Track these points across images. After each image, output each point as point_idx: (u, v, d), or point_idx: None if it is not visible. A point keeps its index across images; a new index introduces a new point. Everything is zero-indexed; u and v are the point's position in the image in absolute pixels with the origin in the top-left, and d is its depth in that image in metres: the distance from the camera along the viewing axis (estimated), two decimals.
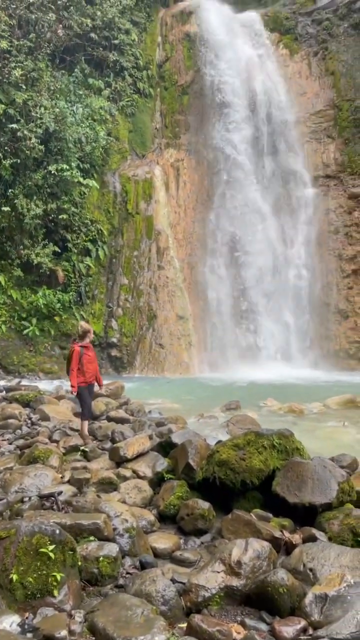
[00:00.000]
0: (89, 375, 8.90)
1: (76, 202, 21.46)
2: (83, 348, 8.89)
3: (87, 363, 8.83)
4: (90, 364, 8.93)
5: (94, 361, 9.08)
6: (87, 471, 6.91)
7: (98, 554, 4.72)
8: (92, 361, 9.00)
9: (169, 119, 26.27)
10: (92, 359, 9.04)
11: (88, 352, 8.94)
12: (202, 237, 24.55)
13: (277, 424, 10.45)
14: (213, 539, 5.81)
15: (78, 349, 8.81)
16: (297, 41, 26.40)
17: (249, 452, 6.44)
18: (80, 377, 8.77)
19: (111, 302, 22.91)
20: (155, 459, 7.46)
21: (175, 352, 22.24)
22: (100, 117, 22.81)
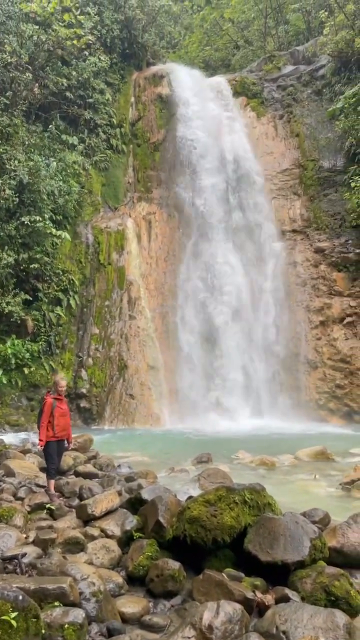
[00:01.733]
0: (59, 429, 8.55)
1: (48, 252, 21.59)
2: (56, 400, 8.62)
3: (58, 416, 8.53)
4: (61, 418, 8.60)
5: (66, 415, 8.75)
6: (53, 531, 6.65)
7: (63, 620, 4.50)
8: (64, 415, 8.68)
9: (141, 174, 27.06)
10: (65, 413, 8.73)
11: (61, 405, 8.67)
12: (173, 287, 24.85)
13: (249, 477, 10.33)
14: (184, 601, 5.61)
15: (50, 401, 8.55)
16: (264, 105, 27.89)
17: (221, 508, 6.32)
18: (50, 431, 8.45)
19: (81, 352, 22.73)
20: (124, 516, 7.25)
21: (146, 402, 22.00)
22: (73, 171, 23.35)
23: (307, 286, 24.35)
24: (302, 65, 28.72)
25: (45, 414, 8.48)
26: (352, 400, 21.98)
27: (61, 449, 8.85)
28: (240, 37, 38.33)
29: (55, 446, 8.62)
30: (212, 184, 25.70)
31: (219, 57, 39.02)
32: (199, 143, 26.20)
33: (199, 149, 26.09)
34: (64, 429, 8.65)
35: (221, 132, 26.79)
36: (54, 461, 8.64)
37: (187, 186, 26.01)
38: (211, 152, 26.21)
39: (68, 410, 8.88)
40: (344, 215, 23.94)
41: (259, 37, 37.21)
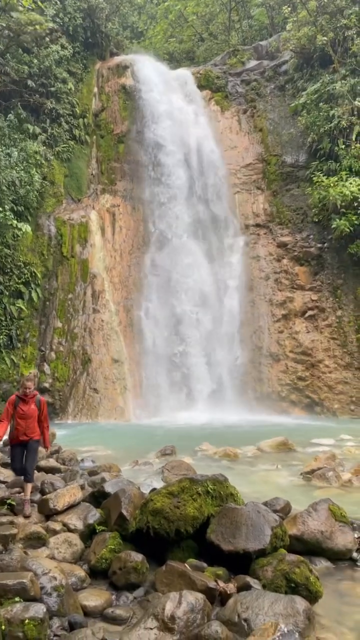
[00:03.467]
0: (19, 432, 7.73)
1: (9, 244, 21.15)
2: (19, 399, 7.85)
3: (18, 418, 7.74)
4: (22, 420, 7.73)
5: (29, 418, 7.78)
6: (14, 526, 6.54)
7: (23, 616, 4.43)
8: (25, 417, 7.75)
9: (105, 166, 26.76)
10: (28, 415, 7.78)
11: (23, 407, 7.78)
12: (137, 280, 24.75)
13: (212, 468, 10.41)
14: (146, 593, 5.62)
15: (12, 399, 7.88)
16: (228, 99, 27.97)
17: (184, 499, 6.35)
18: (12, 432, 7.81)
19: (44, 346, 22.41)
20: (87, 510, 7.20)
21: (110, 396, 21.89)
22: (35, 161, 22.87)
23: (270, 280, 24.65)
24: (266, 60, 28.92)
25: (4, 412, 7.86)
26: (313, 392, 22.42)
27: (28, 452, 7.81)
28: (205, 30, 38.27)
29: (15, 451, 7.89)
30: (176, 177, 25.66)
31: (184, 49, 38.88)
32: (164, 136, 26.08)
33: (163, 142, 25.97)
34: (24, 433, 7.73)
35: (186, 125, 26.74)
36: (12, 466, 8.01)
37: (151, 179, 25.89)
38: (175, 145, 26.13)
39: (33, 413, 7.84)
40: (306, 210, 24.30)
41: (223, 30, 37.28)
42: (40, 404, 7.98)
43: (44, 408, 8.05)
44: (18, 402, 7.82)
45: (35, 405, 7.91)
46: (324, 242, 23.52)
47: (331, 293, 23.05)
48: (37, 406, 7.93)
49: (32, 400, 7.89)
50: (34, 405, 7.90)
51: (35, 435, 7.87)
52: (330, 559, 6.50)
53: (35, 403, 7.91)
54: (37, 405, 7.93)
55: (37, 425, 7.92)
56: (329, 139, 23.30)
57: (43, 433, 8.07)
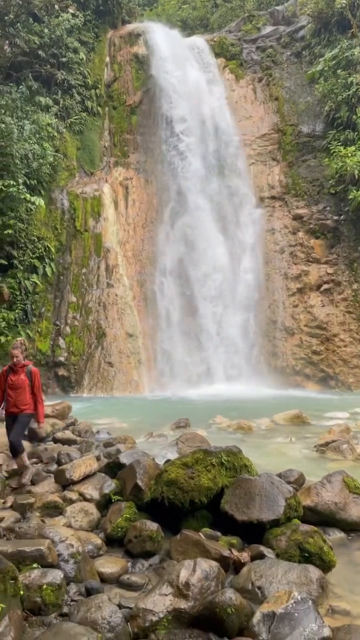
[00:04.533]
0: (9, 404, 7.45)
1: (22, 218, 21.11)
2: (10, 370, 7.54)
3: (8, 388, 7.45)
4: (11, 391, 7.44)
5: (19, 388, 7.46)
6: (31, 495, 6.67)
7: (41, 581, 4.53)
8: (15, 387, 7.44)
9: (117, 138, 26.42)
10: (18, 385, 7.45)
11: (12, 377, 7.48)
12: (151, 255, 24.65)
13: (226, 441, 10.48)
14: (161, 560, 5.71)
15: (4, 369, 7.60)
16: (242, 67, 27.28)
17: (198, 470, 6.39)
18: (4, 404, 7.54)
19: (59, 320, 22.54)
20: (102, 480, 7.30)
21: (125, 370, 22.05)
22: (47, 134, 22.65)
23: (285, 253, 24.39)
24: (282, 25, 28.08)
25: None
26: (328, 366, 22.35)
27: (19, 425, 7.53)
28: None
29: (8, 422, 7.59)
30: (190, 148, 25.27)
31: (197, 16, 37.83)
32: (177, 106, 25.60)
33: (177, 113, 25.51)
34: (15, 405, 7.45)
35: (200, 94, 26.20)
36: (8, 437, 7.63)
37: (164, 150, 25.52)
38: (189, 116, 25.67)
39: (24, 384, 7.50)
40: (323, 181, 23.85)
41: None
42: (32, 375, 7.58)
43: (35, 379, 7.63)
44: (9, 372, 7.52)
45: (26, 376, 7.50)
46: (341, 214, 23.13)
47: (347, 266, 22.76)
48: (27, 376, 7.52)
49: (22, 371, 7.52)
50: (24, 375, 7.50)
51: (27, 408, 7.51)
52: (344, 529, 6.53)
53: (25, 373, 7.51)
54: (27, 376, 7.52)
55: (30, 398, 7.56)
56: (347, 108, 22.69)
57: (36, 406, 7.67)
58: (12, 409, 7.42)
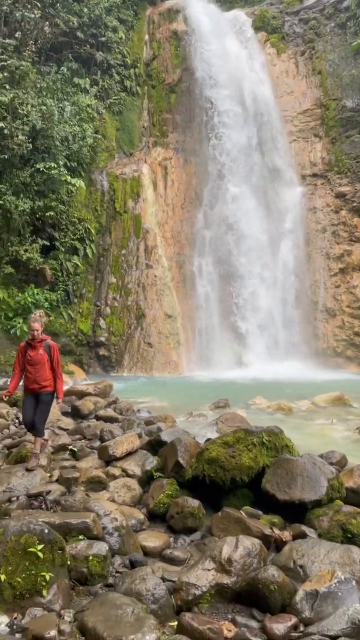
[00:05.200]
0: (28, 381, 7.06)
1: (63, 200, 21.31)
2: (28, 345, 7.14)
3: (27, 364, 7.05)
4: (31, 367, 7.03)
5: (38, 364, 7.04)
6: (76, 470, 6.85)
7: (87, 552, 4.68)
8: (35, 363, 7.02)
9: (156, 118, 26.22)
10: (37, 361, 7.04)
11: (31, 352, 7.06)
12: (190, 235, 24.55)
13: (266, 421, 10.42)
14: (203, 537, 5.79)
15: (22, 346, 7.20)
16: (284, 40, 26.50)
17: (239, 449, 6.42)
18: (24, 381, 7.14)
19: (99, 301, 22.81)
20: (144, 457, 7.42)
21: (164, 350, 22.20)
22: (87, 115, 22.68)
23: (327, 233, 23.85)
24: None
25: (15, 361, 7.19)
26: None
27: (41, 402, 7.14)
28: None
29: (27, 400, 7.21)
30: (229, 126, 24.85)
31: None
32: (216, 83, 25.15)
33: (216, 90, 25.07)
34: (35, 381, 7.03)
35: (240, 70, 25.65)
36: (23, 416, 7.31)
37: (203, 129, 25.18)
38: (229, 93, 25.19)
39: (43, 359, 7.07)
40: None
41: None
42: (50, 349, 7.15)
43: (54, 353, 7.19)
44: (27, 347, 7.12)
45: (45, 351, 7.08)
46: None
47: None
48: (46, 351, 7.10)
49: (41, 345, 7.10)
50: (43, 350, 7.08)
51: (48, 385, 7.10)
52: None
53: (44, 348, 7.10)
54: (46, 351, 7.10)
55: (50, 373, 7.14)
56: None
57: (55, 381, 7.23)
58: (32, 385, 7.03)
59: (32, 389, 7.04)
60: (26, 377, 7.05)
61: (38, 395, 7.07)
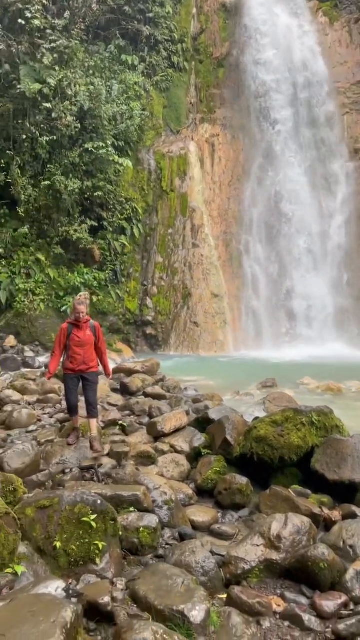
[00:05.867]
0: (76, 362, 6.91)
1: (111, 180, 21.44)
2: (72, 326, 7.00)
3: (74, 346, 6.91)
4: (79, 348, 6.90)
5: (86, 345, 6.94)
6: (126, 445, 7.00)
7: (138, 524, 4.80)
8: (82, 344, 6.92)
9: (204, 93, 25.81)
10: (84, 342, 6.93)
11: (78, 333, 6.93)
12: (237, 213, 24.24)
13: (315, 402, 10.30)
14: (251, 513, 5.83)
15: (65, 327, 7.06)
16: (337, 8, 25.41)
17: (288, 428, 6.39)
18: (67, 362, 7.02)
19: (146, 281, 22.97)
20: (192, 434, 7.50)
21: (210, 330, 22.19)
22: (135, 93, 22.60)
23: None
24: None
25: (56, 342, 7.08)
26: None
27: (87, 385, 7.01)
28: None
29: (70, 381, 7.04)
30: (279, 100, 24.20)
31: None
32: (266, 55, 24.45)
33: (266, 62, 24.39)
34: (83, 362, 6.91)
35: (291, 41, 24.82)
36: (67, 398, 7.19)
37: (252, 103, 24.62)
38: (279, 65, 24.47)
39: (90, 339, 6.99)
40: None
41: None
42: (96, 330, 7.10)
43: (99, 333, 7.16)
44: (71, 329, 6.97)
45: (91, 331, 7.03)
46: None
47: None
48: (92, 332, 7.05)
49: (87, 326, 7.01)
50: (89, 331, 7.01)
51: (95, 365, 7.08)
52: None
53: (90, 329, 7.03)
54: (92, 331, 7.05)
55: (95, 354, 7.12)
56: None
57: (102, 359, 7.26)
58: (80, 367, 6.91)
59: (79, 370, 6.92)
60: (73, 358, 6.90)
61: (84, 376, 6.97)
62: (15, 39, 19.59)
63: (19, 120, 19.67)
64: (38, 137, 19.32)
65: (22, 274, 19.71)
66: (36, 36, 19.81)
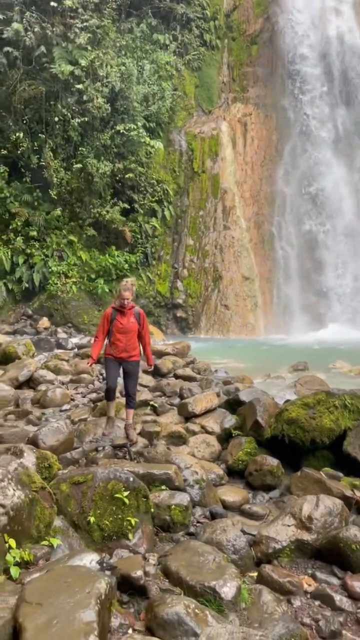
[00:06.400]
0: (117, 349, 6.60)
1: (142, 162, 21.38)
2: (116, 312, 6.67)
3: (116, 332, 6.60)
4: (121, 335, 6.59)
5: (129, 332, 6.62)
6: (157, 425, 7.07)
7: (170, 502, 4.87)
8: (125, 331, 6.60)
9: (236, 72, 25.34)
10: (127, 329, 6.61)
11: (121, 320, 6.60)
12: (269, 195, 23.88)
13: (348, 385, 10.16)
14: (281, 495, 5.84)
15: (108, 312, 6.74)
16: None
17: (319, 411, 6.34)
18: (108, 348, 6.72)
19: (177, 263, 22.94)
20: (223, 415, 7.53)
21: (241, 313, 22.09)
22: (166, 73, 22.36)
23: None
24: None
25: (99, 327, 6.78)
26: None
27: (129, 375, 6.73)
28: None
29: (111, 365, 6.71)
30: (314, 77, 23.57)
31: None
32: (301, 30, 23.79)
33: (301, 37, 23.73)
34: (125, 350, 6.60)
35: (326, 17, 24.05)
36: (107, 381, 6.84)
37: (286, 81, 24.06)
38: (315, 42, 23.79)
39: (134, 327, 6.65)
40: None
41: None
42: (140, 317, 6.74)
43: (143, 321, 6.79)
44: (115, 315, 6.65)
45: (135, 318, 6.68)
46: None
47: None
48: (136, 319, 6.70)
49: (131, 313, 6.67)
50: (134, 318, 6.67)
51: (137, 353, 6.74)
52: None
53: (134, 315, 6.69)
54: (136, 318, 6.70)
55: (137, 342, 6.77)
56: None
57: (145, 349, 6.91)
58: (121, 354, 6.60)
59: (120, 358, 6.63)
60: (115, 344, 6.62)
61: (124, 364, 6.67)
62: (48, 20, 19.57)
63: (51, 103, 19.75)
64: (70, 119, 19.37)
65: (54, 257, 19.97)
66: (68, 16, 19.74)
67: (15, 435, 6.42)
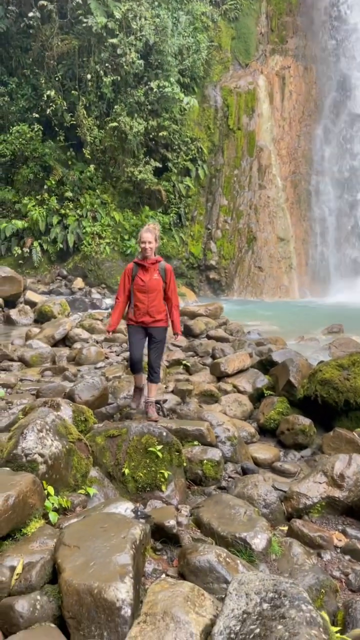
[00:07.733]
0: (139, 312, 5.49)
1: (176, 119, 20.90)
2: (138, 267, 5.56)
3: (137, 291, 5.49)
4: (142, 295, 5.47)
5: (152, 291, 5.46)
6: (190, 383, 7.15)
7: (202, 457, 4.96)
8: (146, 291, 5.45)
9: (275, 22, 24.21)
10: (151, 288, 5.45)
11: (143, 276, 5.48)
12: (307, 152, 23.12)
13: None
14: (313, 454, 5.87)
15: (130, 267, 5.64)
16: None
17: (354, 372, 6.27)
18: (130, 311, 5.62)
19: (210, 224, 22.66)
20: (255, 375, 7.54)
21: (275, 275, 21.80)
22: (202, 24, 21.54)
23: None
24: None
25: (120, 286, 5.67)
26: None
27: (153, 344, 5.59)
28: None
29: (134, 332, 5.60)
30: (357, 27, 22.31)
31: None
32: None
33: None
34: (147, 313, 5.46)
35: None
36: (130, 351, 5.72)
37: (327, 32, 22.89)
38: None
39: (159, 284, 5.48)
40: None
41: None
42: (166, 273, 5.55)
43: (170, 279, 5.59)
44: (136, 270, 5.54)
45: (159, 275, 5.51)
46: None
47: None
48: (161, 276, 5.52)
49: (155, 268, 5.50)
50: (158, 274, 5.50)
51: (162, 319, 5.55)
52: None
53: (158, 271, 5.51)
54: (161, 275, 5.52)
55: (164, 305, 5.59)
56: None
57: (171, 313, 5.66)
58: (143, 317, 5.47)
59: (142, 322, 5.50)
60: (135, 307, 5.50)
61: (149, 330, 5.56)
62: None
63: (84, 59, 19.36)
64: (102, 76, 18.99)
65: (88, 217, 19.97)
66: None
67: (52, 390, 6.60)
